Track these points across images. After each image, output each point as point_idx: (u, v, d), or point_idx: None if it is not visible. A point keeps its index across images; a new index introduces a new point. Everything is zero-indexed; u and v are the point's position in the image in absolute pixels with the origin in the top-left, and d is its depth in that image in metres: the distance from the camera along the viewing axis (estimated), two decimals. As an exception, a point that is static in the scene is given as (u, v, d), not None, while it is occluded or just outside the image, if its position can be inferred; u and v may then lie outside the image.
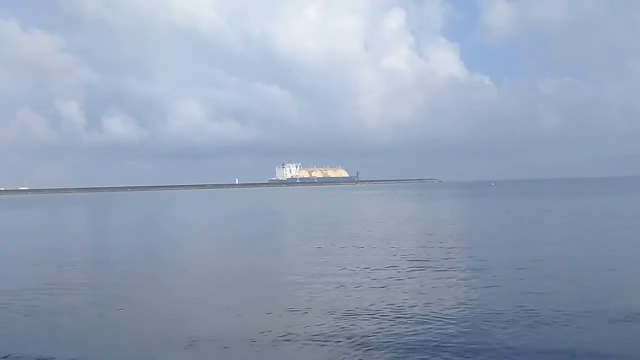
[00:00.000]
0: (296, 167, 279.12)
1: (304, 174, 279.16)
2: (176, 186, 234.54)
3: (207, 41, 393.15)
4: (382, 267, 14.37)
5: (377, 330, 8.60)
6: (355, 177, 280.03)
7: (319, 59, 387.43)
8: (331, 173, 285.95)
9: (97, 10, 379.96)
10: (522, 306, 9.74)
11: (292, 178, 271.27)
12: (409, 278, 12.86)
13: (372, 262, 15.28)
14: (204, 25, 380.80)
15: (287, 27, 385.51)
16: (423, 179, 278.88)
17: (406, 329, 8.61)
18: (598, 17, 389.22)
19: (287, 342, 8.24)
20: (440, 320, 9.04)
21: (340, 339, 8.23)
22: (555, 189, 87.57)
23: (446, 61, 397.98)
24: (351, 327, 8.83)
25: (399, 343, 7.96)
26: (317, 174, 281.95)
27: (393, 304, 10.20)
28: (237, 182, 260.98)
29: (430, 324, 8.87)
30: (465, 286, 11.78)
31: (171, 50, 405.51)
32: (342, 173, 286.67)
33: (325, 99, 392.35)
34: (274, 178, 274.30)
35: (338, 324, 9.01)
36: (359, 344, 7.95)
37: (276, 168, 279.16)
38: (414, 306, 10.04)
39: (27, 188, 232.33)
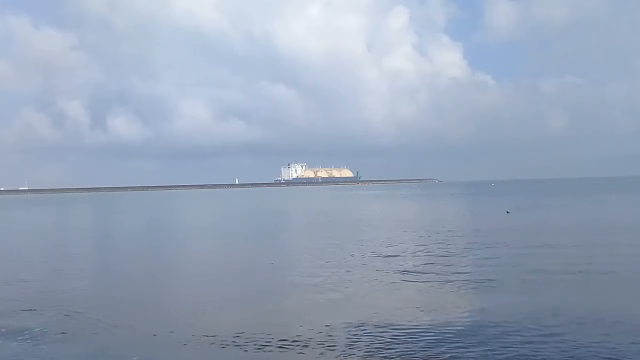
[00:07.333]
0: (302, 167, 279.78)
1: (310, 174, 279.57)
2: (176, 186, 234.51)
3: (210, 41, 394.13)
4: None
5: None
6: (357, 177, 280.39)
7: (322, 58, 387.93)
8: (336, 173, 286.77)
9: (99, 10, 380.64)
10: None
11: (297, 178, 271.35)
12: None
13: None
14: (207, 25, 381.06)
15: (289, 26, 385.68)
16: (423, 179, 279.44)
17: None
18: (600, 17, 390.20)
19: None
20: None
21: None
22: (556, 190, 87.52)
23: (449, 60, 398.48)
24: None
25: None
26: (323, 174, 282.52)
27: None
28: (237, 182, 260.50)
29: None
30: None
31: (174, 50, 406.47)
32: (347, 173, 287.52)
33: (328, 98, 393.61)
34: (279, 178, 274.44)
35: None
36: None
37: (282, 168, 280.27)
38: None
39: (27, 188, 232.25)
